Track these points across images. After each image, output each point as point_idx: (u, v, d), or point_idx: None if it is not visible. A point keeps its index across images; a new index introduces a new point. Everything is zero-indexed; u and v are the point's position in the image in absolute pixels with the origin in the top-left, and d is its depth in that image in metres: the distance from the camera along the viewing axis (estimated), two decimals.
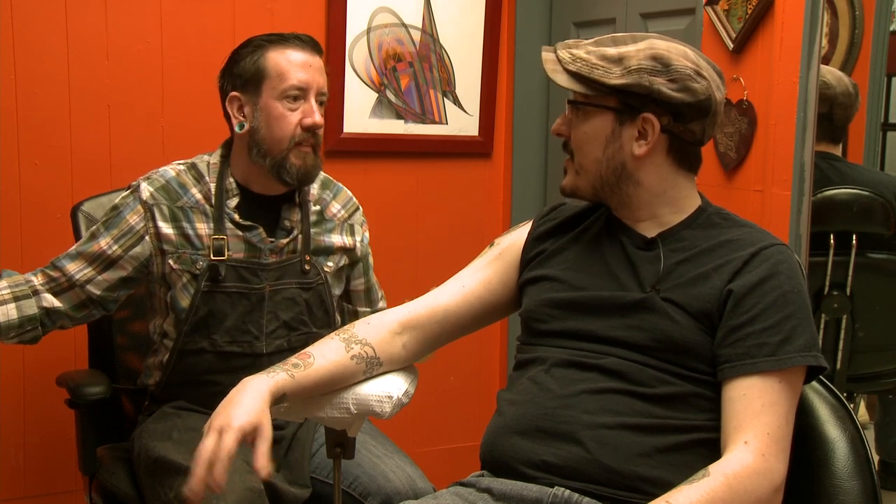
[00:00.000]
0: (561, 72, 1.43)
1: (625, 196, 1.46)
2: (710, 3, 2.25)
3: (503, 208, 3.12)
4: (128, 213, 1.86)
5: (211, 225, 1.86)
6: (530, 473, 1.37)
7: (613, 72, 1.40)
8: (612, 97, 1.42)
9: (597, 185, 1.46)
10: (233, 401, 1.33)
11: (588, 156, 1.45)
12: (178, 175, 1.89)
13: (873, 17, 2.51)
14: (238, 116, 1.87)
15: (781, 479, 1.29)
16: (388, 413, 1.48)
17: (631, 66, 1.39)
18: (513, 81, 3.04)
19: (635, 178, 1.45)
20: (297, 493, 1.77)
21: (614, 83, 1.39)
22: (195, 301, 1.84)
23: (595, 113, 1.44)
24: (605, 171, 1.45)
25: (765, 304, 1.34)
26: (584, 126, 1.45)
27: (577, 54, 1.43)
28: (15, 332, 1.77)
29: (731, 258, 1.39)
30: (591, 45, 1.44)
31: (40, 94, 2.44)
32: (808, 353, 1.33)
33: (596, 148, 1.44)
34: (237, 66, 1.86)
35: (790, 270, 1.37)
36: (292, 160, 1.84)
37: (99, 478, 1.95)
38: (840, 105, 2.06)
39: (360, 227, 2.06)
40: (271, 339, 1.87)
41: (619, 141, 1.43)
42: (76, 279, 1.82)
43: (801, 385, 1.36)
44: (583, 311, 1.45)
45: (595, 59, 1.41)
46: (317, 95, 1.86)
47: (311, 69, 1.84)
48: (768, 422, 1.29)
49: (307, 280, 1.92)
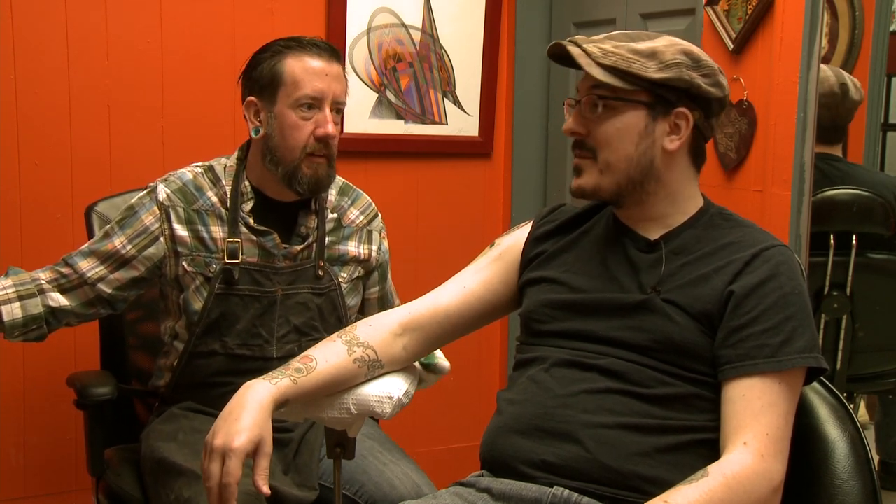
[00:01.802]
0: (595, 65, 1.38)
1: (643, 195, 1.44)
2: (710, 4, 2.25)
3: (503, 208, 3.12)
4: (143, 214, 1.85)
5: (225, 228, 1.85)
6: (530, 473, 1.38)
7: (649, 66, 1.37)
8: (644, 92, 1.39)
9: (622, 183, 1.43)
10: (233, 414, 1.33)
11: (618, 152, 1.41)
12: (195, 177, 1.88)
13: (873, 17, 2.51)
14: (254, 121, 1.85)
15: (780, 479, 1.29)
16: (389, 413, 1.48)
17: (667, 60, 1.38)
18: (513, 81, 3.04)
19: (659, 175, 1.43)
20: (300, 497, 1.75)
21: (654, 77, 1.37)
22: (208, 304, 1.83)
23: (626, 108, 1.40)
24: (634, 168, 1.42)
25: (765, 305, 1.34)
26: (613, 122, 1.40)
27: (605, 48, 1.39)
28: (19, 330, 1.77)
29: (732, 259, 1.39)
30: (614, 41, 1.40)
31: (40, 94, 2.44)
32: (809, 355, 1.33)
33: (627, 144, 1.41)
34: (255, 71, 1.84)
35: (791, 272, 1.37)
36: (304, 170, 1.81)
37: (106, 479, 1.95)
38: (823, 105, 2.06)
39: (379, 235, 2.04)
40: (282, 343, 1.87)
41: (653, 136, 1.41)
42: (88, 277, 1.82)
43: (800, 386, 1.36)
44: (583, 313, 1.45)
45: (627, 53, 1.38)
46: (332, 104, 1.82)
47: (327, 78, 1.81)
48: (768, 423, 1.29)
49: (320, 286, 1.91)
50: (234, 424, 1.31)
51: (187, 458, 1.72)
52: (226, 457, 1.29)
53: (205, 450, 1.32)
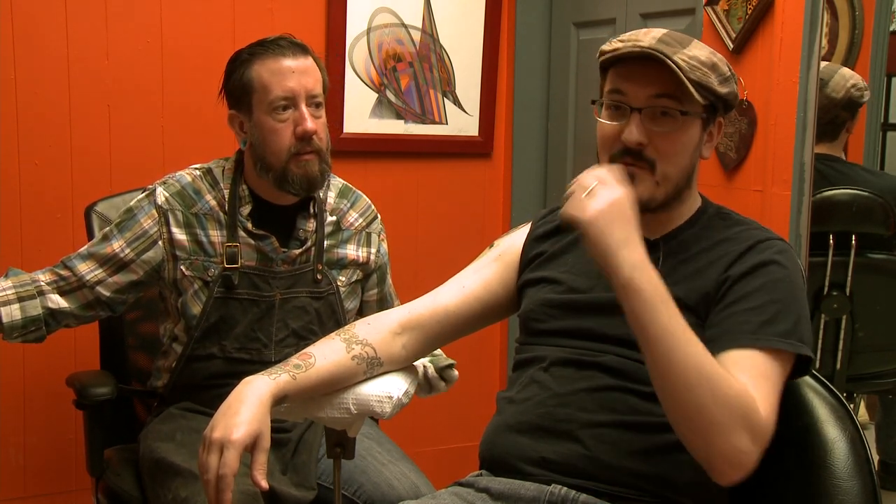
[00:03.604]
0: (688, 82, 1.33)
1: (677, 200, 1.43)
2: (710, 3, 2.25)
3: (503, 208, 3.12)
4: (142, 217, 1.85)
5: (224, 232, 1.85)
6: (528, 470, 1.38)
7: (714, 79, 1.36)
8: (697, 104, 1.37)
9: (671, 193, 1.40)
10: (232, 408, 1.33)
11: (678, 165, 1.38)
12: (194, 180, 1.88)
13: (873, 17, 2.51)
14: (241, 133, 1.86)
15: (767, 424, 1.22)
16: (389, 413, 1.48)
17: (725, 73, 1.38)
18: (513, 81, 3.04)
19: (692, 181, 1.44)
20: (298, 496, 1.75)
21: (721, 92, 1.37)
22: (207, 308, 1.83)
23: (691, 121, 1.37)
24: (683, 179, 1.41)
25: (753, 287, 1.34)
26: (678, 135, 1.37)
27: (688, 62, 1.34)
28: (19, 332, 1.77)
29: (728, 251, 1.39)
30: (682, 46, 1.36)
31: (40, 94, 2.44)
32: (787, 339, 1.30)
33: (685, 157, 1.39)
34: (229, 84, 1.84)
35: (786, 262, 1.37)
36: (293, 171, 1.80)
37: (105, 479, 1.95)
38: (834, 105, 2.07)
39: (378, 237, 2.03)
40: (280, 347, 1.86)
41: (701, 146, 1.41)
42: (86, 280, 1.82)
43: (786, 374, 1.32)
44: (581, 311, 1.45)
45: (702, 67, 1.35)
46: (307, 99, 1.80)
47: (294, 75, 1.78)
48: (759, 388, 1.25)
49: (319, 289, 1.91)
50: (233, 418, 1.31)
51: (185, 458, 1.72)
52: (224, 449, 1.29)
53: (203, 443, 1.32)
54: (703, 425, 1.20)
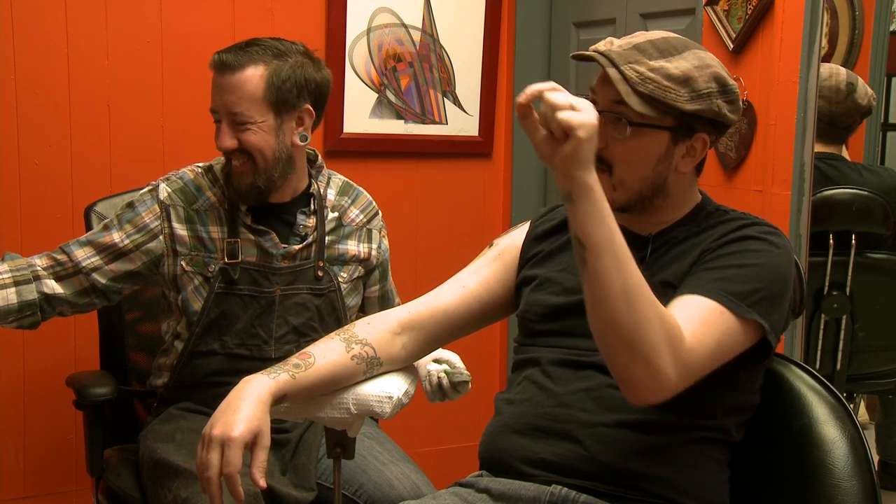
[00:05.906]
0: (632, 93, 1.34)
1: (649, 207, 1.44)
2: (710, 4, 2.25)
3: (503, 208, 3.12)
4: (143, 210, 1.86)
5: (224, 228, 1.86)
6: (528, 471, 1.38)
7: (682, 94, 1.35)
8: (670, 118, 1.37)
9: (633, 199, 1.42)
10: (231, 406, 1.33)
11: (635, 173, 1.40)
12: (196, 177, 1.89)
13: (873, 17, 2.51)
14: None
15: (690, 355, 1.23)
16: (388, 413, 1.48)
17: (700, 89, 1.35)
18: (513, 81, 3.04)
19: (668, 191, 1.43)
20: (298, 497, 1.75)
21: (687, 108, 1.35)
22: (208, 303, 1.84)
23: (651, 132, 1.38)
24: (647, 187, 1.41)
25: (724, 253, 1.36)
26: (634, 144, 1.37)
27: (644, 73, 1.34)
28: (14, 316, 1.76)
29: (716, 233, 1.40)
30: (645, 56, 1.36)
31: (40, 94, 2.44)
32: (736, 300, 1.29)
33: (645, 166, 1.39)
34: None
35: (770, 241, 1.37)
36: (231, 179, 1.84)
37: (105, 479, 1.95)
38: (822, 98, 2.06)
39: (378, 233, 2.03)
40: (280, 343, 1.87)
41: (670, 159, 1.40)
42: (83, 266, 1.82)
43: (732, 334, 1.30)
44: (576, 312, 1.44)
45: (664, 80, 1.34)
46: (227, 116, 1.78)
47: (217, 91, 1.79)
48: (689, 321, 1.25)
49: (319, 286, 1.91)
50: (233, 415, 1.31)
51: (185, 459, 1.72)
52: (225, 446, 1.29)
53: (202, 441, 1.32)
54: (629, 340, 1.19)
